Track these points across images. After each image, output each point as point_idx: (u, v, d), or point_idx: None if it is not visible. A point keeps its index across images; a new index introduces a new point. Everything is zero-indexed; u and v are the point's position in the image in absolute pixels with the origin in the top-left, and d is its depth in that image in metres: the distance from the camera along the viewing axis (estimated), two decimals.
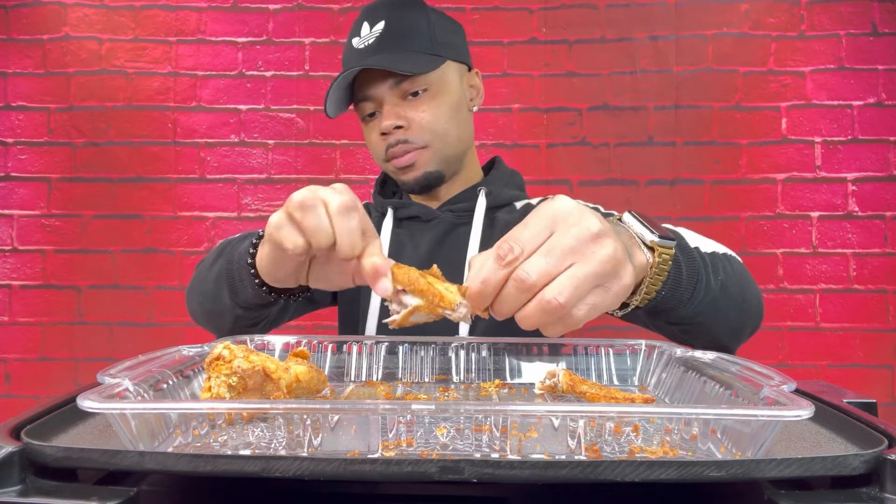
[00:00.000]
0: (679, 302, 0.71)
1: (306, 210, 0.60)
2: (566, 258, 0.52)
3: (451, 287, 0.59)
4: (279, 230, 0.62)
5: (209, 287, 0.88)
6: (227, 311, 0.85)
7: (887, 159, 1.98)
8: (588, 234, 0.52)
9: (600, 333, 1.02)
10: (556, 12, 2.06)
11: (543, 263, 0.51)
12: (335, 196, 0.61)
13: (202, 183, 2.09)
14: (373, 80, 1.05)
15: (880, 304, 1.97)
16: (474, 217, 1.09)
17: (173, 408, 0.51)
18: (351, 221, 0.61)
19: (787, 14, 2.01)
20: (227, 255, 0.84)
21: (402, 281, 0.60)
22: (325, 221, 0.60)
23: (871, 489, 0.42)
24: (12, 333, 2.07)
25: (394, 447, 0.48)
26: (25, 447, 0.44)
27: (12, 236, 2.08)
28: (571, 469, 0.41)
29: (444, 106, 1.07)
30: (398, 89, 1.05)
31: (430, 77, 1.06)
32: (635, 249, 0.63)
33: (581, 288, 0.51)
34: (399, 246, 1.11)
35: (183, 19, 2.10)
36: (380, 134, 1.07)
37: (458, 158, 1.12)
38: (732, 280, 0.78)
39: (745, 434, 0.46)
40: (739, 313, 0.80)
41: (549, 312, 0.51)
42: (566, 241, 0.52)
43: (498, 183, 1.14)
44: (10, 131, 2.08)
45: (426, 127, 1.06)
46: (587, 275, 0.52)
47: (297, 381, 0.61)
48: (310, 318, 1.22)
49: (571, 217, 0.53)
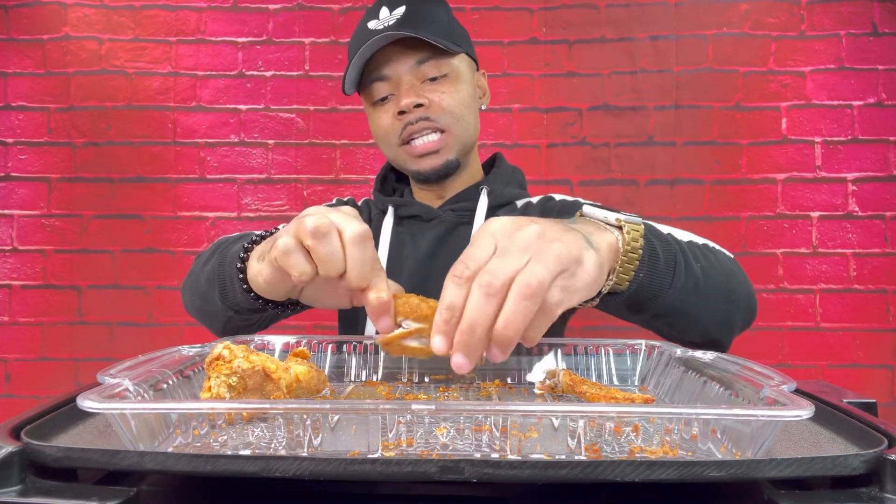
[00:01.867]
0: (660, 288, 0.70)
1: (320, 238, 0.58)
2: (522, 255, 0.51)
3: None
4: (287, 256, 0.60)
5: (201, 286, 0.86)
6: (218, 311, 0.84)
7: (887, 159, 1.98)
8: (533, 235, 0.53)
9: (600, 333, 1.02)
10: (556, 12, 2.06)
11: (497, 265, 0.51)
12: (350, 224, 0.59)
13: (202, 183, 2.09)
14: (392, 60, 1.03)
15: (880, 304, 1.97)
16: (476, 217, 1.08)
17: (173, 408, 0.51)
18: (365, 252, 0.59)
19: (787, 14, 2.01)
20: (219, 257, 0.83)
21: (403, 311, 0.60)
22: (339, 251, 0.58)
23: (871, 489, 0.42)
24: (12, 333, 2.07)
25: (394, 447, 0.48)
26: (25, 447, 0.44)
27: (12, 236, 2.08)
28: (571, 469, 0.41)
29: (462, 92, 1.06)
30: (419, 71, 1.04)
31: (451, 63, 1.05)
32: (601, 232, 0.62)
33: (548, 270, 0.51)
34: (399, 245, 1.10)
35: (183, 19, 2.10)
36: (397, 114, 1.04)
37: (469, 151, 1.12)
38: (716, 268, 0.77)
39: (745, 434, 0.46)
40: (727, 304, 0.78)
41: (529, 296, 0.50)
42: (515, 243, 0.52)
43: (500, 181, 1.14)
44: (10, 131, 2.08)
45: (447, 109, 1.04)
46: (548, 260, 0.51)
47: (297, 381, 0.61)
48: (310, 318, 1.22)
49: (511, 227, 0.54)
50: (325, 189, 2.08)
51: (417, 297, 0.61)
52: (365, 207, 1.18)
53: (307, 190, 2.08)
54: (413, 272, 1.06)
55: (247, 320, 0.88)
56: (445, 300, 0.51)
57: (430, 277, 1.05)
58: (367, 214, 1.16)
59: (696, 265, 0.74)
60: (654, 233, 0.71)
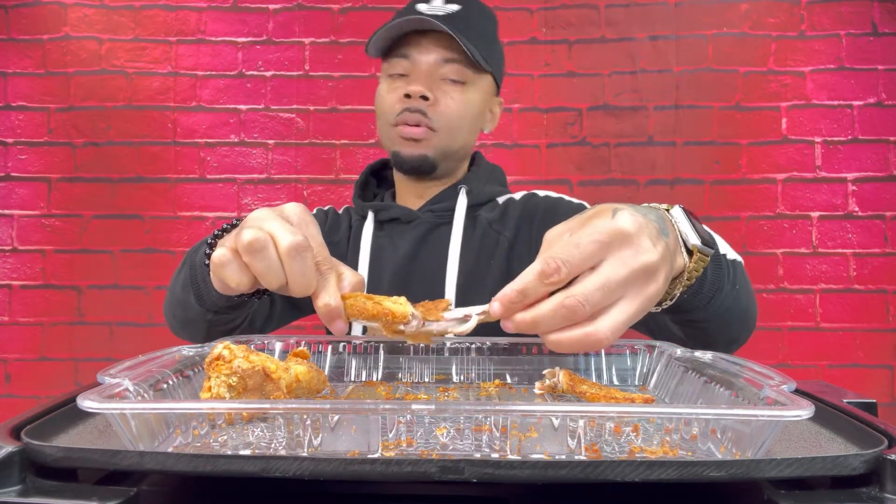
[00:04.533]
0: (694, 307, 0.70)
1: (254, 253, 0.57)
2: (617, 293, 0.51)
3: (399, 300, 0.59)
4: (223, 268, 0.59)
5: (178, 294, 0.88)
6: (198, 317, 0.85)
7: (887, 159, 1.98)
8: (642, 270, 0.51)
9: None
10: (556, 12, 2.06)
11: (599, 298, 0.50)
12: (285, 235, 0.57)
13: (202, 183, 2.09)
14: (422, 46, 1.04)
15: (880, 304, 1.97)
16: (455, 216, 1.09)
17: (173, 408, 0.51)
18: (304, 263, 0.57)
19: (787, 14, 2.01)
20: (189, 261, 0.84)
21: (352, 312, 0.60)
22: (276, 264, 0.57)
23: (871, 489, 0.42)
24: (12, 333, 2.07)
25: (394, 447, 0.48)
26: (25, 447, 0.44)
27: (12, 236, 2.08)
28: (571, 469, 0.41)
29: (469, 105, 1.08)
30: (442, 67, 1.05)
31: (473, 76, 1.07)
32: (677, 255, 0.60)
33: (627, 325, 0.51)
34: (380, 249, 1.11)
35: (183, 19, 2.10)
36: (403, 95, 1.04)
37: (453, 160, 1.12)
38: (744, 291, 0.78)
39: (745, 434, 0.46)
40: (741, 325, 0.80)
41: (589, 346, 0.50)
42: (621, 274, 0.50)
43: (479, 180, 1.14)
44: (10, 131, 2.08)
45: (447, 113, 1.05)
46: (634, 312, 0.51)
47: (297, 381, 0.61)
48: (310, 318, 1.22)
49: (628, 243, 0.51)
50: (325, 189, 2.08)
51: (364, 296, 0.61)
52: (345, 215, 1.19)
53: (307, 190, 2.09)
54: (394, 274, 1.07)
55: (228, 321, 0.88)
56: (522, 284, 0.51)
57: (411, 279, 1.06)
58: (347, 222, 1.17)
59: (732, 290, 0.74)
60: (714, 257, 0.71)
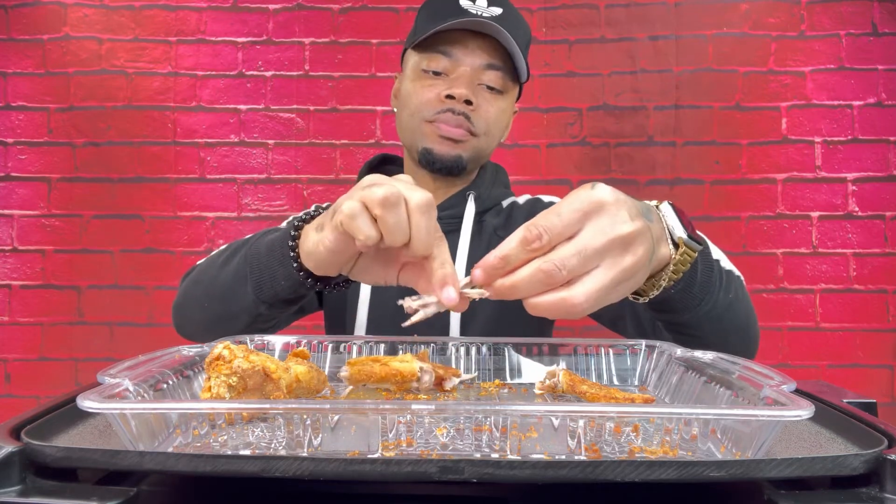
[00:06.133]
0: (684, 307, 0.71)
1: (389, 208, 0.58)
2: (594, 260, 0.52)
3: (404, 357, 0.60)
4: (353, 220, 0.59)
5: (220, 289, 0.85)
6: (245, 311, 0.83)
7: (887, 159, 1.98)
8: (619, 238, 0.52)
9: (600, 333, 1.02)
10: (556, 12, 2.06)
11: (574, 263, 0.51)
12: (415, 193, 0.59)
13: (202, 183, 2.09)
14: (468, 46, 1.03)
15: (880, 304, 1.97)
16: (463, 224, 1.09)
17: (173, 408, 0.51)
18: (430, 220, 0.59)
19: (787, 14, 2.01)
20: (251, 249, 0.81)
21: (360, 378, 0.62)
22: (405, 221, 0.58)
23: (871, 489, 0.42)
24: (12, 333, 2.07)
25: (394, 447, 0.48)
26: (25, 447, 0.44)
27: (12, 236, 2.08)
28: (571, 469, 0.41)
29: (503, 115, 1.09)
30: (483, 73, 1.04)
31: (509, 85, 1.08)
32: (662, 243, 0.62)
33: (602, 293, 0.52)
34: None
35: (183, 19, 2.10)
36: (445, 96, 1.02)
37: (478, 164, 1.12)
38: (742, 304, 0.78)
39: (745, 434, 0.46)
40: (738, 340, 0.80)
41: (565, 310, 0.52)
42: (598, 241, 0.52)
43: (485, 184, 1.14)
44: (10, 131, 2.08)
45: (486, 119, 1.05)
46: (610, 281, 0.52)
47: (297, 381, 0.61)
48: (310, 317, 1.22)
49: (606, 212, 0.53)
50: (325, 189, 2.08)
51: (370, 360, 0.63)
52: None
53: (307, 190, 2.08)
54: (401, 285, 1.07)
55: (274, 316, 0.86)
56: (504, 251, 0.52)
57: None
58: None
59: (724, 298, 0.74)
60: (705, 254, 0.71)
